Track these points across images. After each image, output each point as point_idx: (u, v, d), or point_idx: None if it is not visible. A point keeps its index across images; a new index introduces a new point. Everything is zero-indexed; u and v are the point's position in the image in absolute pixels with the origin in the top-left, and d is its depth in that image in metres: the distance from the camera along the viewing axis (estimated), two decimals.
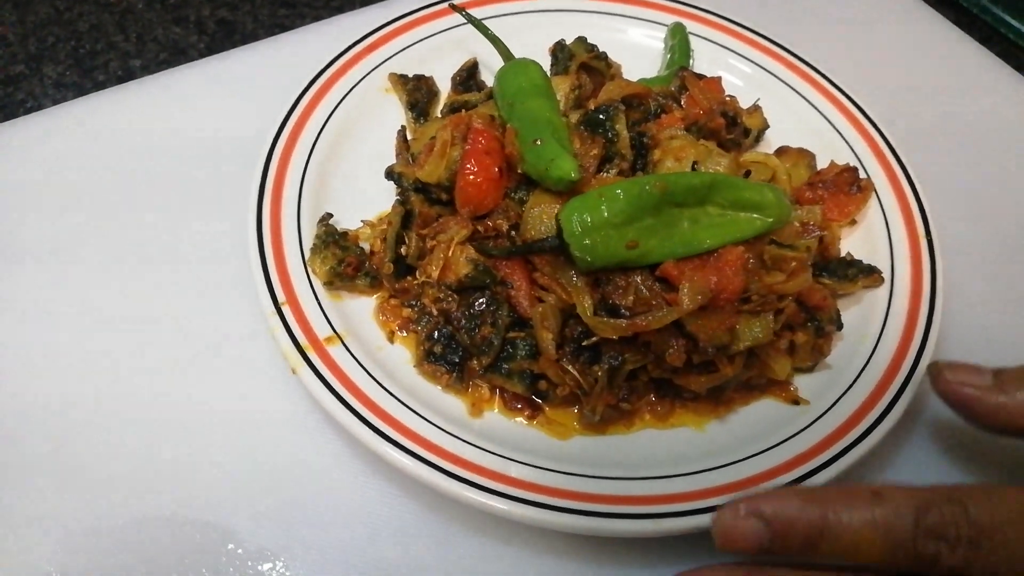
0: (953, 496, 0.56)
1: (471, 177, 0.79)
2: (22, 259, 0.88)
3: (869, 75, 1.11)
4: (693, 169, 0.79)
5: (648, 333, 0.73)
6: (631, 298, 0.73)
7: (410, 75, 1.01)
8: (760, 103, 1.00)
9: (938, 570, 0.55)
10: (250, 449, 0.77)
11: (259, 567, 0.71)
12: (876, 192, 0.93)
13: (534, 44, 1.01)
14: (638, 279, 0.74)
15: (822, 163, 0.96)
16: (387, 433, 0.71)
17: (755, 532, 0.56)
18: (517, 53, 0.98)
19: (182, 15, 1.15)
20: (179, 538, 0.72)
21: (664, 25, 1.08)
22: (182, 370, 0.82)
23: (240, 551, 0.71)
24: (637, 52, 1.06)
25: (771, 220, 0.74)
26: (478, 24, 0.96)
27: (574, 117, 0.86)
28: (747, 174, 0.83)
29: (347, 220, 0.89)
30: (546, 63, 0.98)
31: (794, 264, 0.74)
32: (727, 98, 0.91)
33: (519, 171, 0.80)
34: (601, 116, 0.81)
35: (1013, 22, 1.25)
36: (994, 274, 0.95)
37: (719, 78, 0.95)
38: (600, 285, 0.75)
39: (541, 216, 0.77)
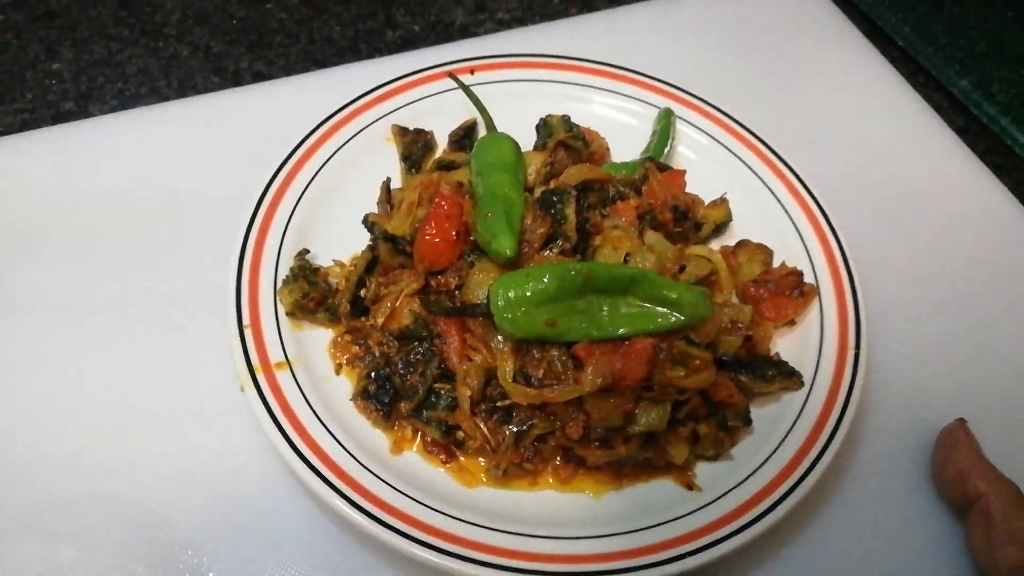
0: None
1: (428, 237, 0.88)
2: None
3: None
4: (625, 261, 0.85)
5: (555, 404, 0.81)
6: (542, 371, 0.81)
7: (411, 128, 1.10)
8: (730, 195, 1.06)
9: None
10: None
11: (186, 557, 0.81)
12: (820, 299, 0.97)
13: (531, 112, 1.09)
14: (554, 353, 0.81)
15: (779, 260, 1.02)
16: (308, 458, 0.80)
17: None
18: (514, 119, 1.07)
19: (222, 65, 1.27)
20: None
21: (658, 107, 1.14)
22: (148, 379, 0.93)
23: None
24: (628, 131, 1.13)
25: (684, 319, 0.81)
26: (469, 93, 1.05)
27: (538, 192, 0.94)
28: (682, 269, 0.89)
29: (326, 256, 0.99)
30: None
31: (698, 363, 0.80)
32: (684, 193, 0.97)
33: (472, 238, 0.88)
34: (554, 198, 0.89)
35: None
36: (918, 380, 0.99)
37: (683, 172, 1.01)
38: (522, 354, 0.83)
39: (482, 283, 0.85)
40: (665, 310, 0.81)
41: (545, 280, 0.80)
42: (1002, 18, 1.39)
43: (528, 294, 0.79)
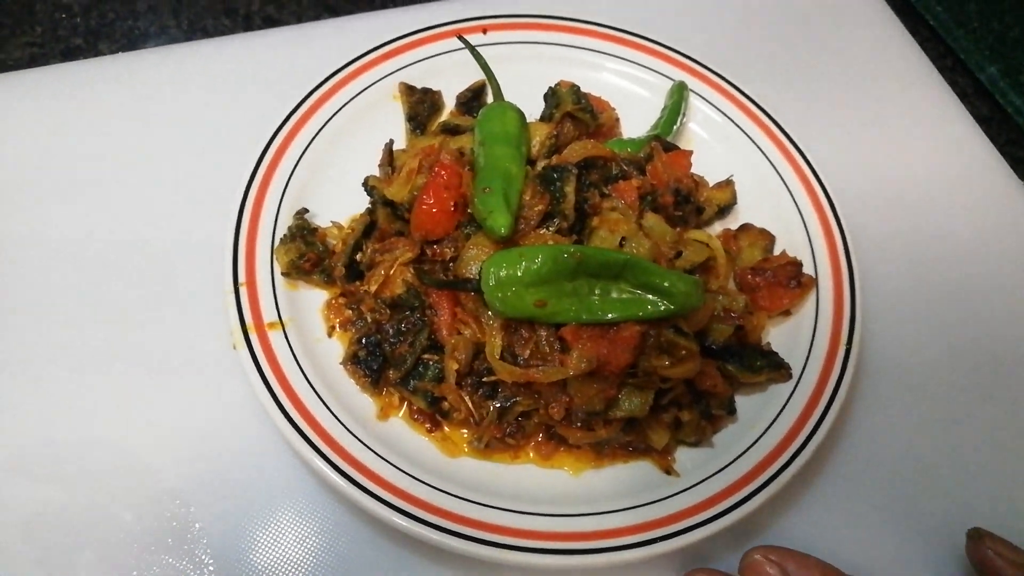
0: None
1: (425, 207, 0.88)
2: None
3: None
4: (621, 245, 0.85)
5: (539, 384, 0.81)
6: (529, 350, 0.81)
7: (419, 87, 1.08)
8: (738, 177, 1.04)
9: None
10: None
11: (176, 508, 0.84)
12: (817, 292, 0.96)
13: (542, 75, 1.07)
14: (542, 334, 0.82)
15: (780, 247, 1.01)
16: (294, 419, 0.82)
17: None
18: (524, 82, 1.06)
19: (232, 7, 1.25)
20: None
21: (672, 79, 1.12)
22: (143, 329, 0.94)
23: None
24: (640, 103, 1.11)
25: (673, 308, 0.80)
26: (478, 57, 1.03)
27: (541, 164, 0.93)
28: (678, 255, 0.89)
29: (325, 215, 0.99)
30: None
31: (684, 352, 0.80)
32: (688, 176, 0.96)
33: (470, 210, 0.88)
34: (555, 175, 0.88)
35: None
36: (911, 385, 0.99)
37: (689, 153, 0.99)
38: (511, 332, 0.83)
39: (476, 257, 0.85)
40: (655, 298, 0.81)
41: (538, 261, 0.80)
42: None
43: (520, 274, 0.79)
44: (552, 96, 1.02)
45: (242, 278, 0.90)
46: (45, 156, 1.04)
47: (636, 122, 1.10)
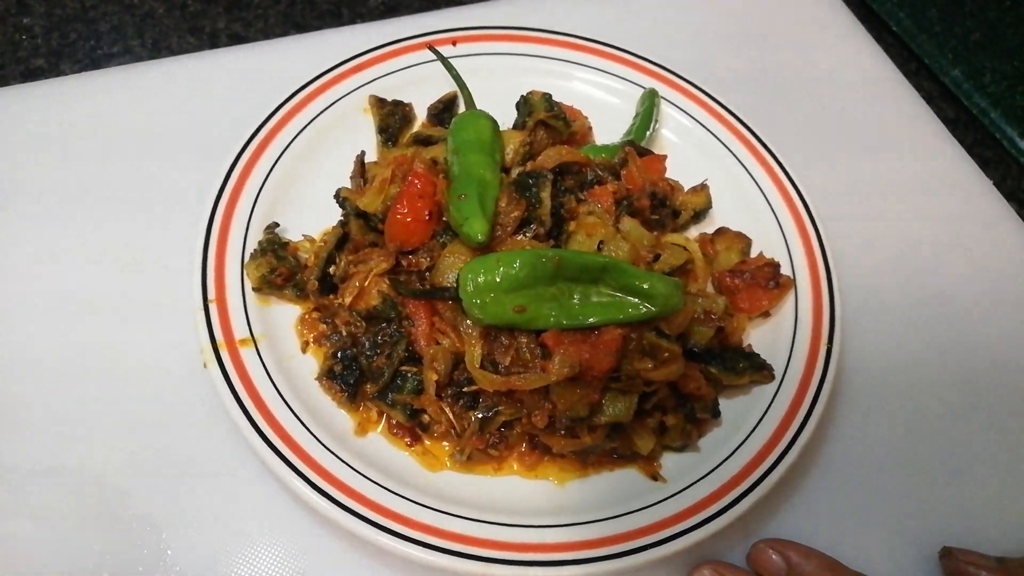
0: None
1: (399, 216, 0.86)
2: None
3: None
4: (599, 248, 0.84)
5: (521, 391, 0.80)
6: (509, 358, 0.79)
7: (389, 99, 1.07)
8: (712, 181, 1.04)
9: None
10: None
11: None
12: (796, 292, 0.96)
13: (513, 87, 1.06)
14: (523, 340, 0.80)
15: (757, 249, 1.00)
16: (269, 438, 0.79)
17: (777, 566, 0.79)
18: (495, 93, 1.05)
19: (198, 25, 1.23)
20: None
21: (642, 87, 1.12)
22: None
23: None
24: (612, 111, 1.11)
25: (655, 310, 0.79)
26: (449, 67, 1.02)
27: (515, 172, 0.92)
28: (657, 257, 0.88)
29: (296, 230, 0.97)
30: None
31: (667, 355, 0.79)
32: (664, 179, 0.96)
33: (445, 218, 0.87)
34: (530, 181, 0.87)
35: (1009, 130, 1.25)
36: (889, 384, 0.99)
37: (663, 157, 0.99)
38: (490, 340, 0.81)
39: (453, 265, 0.84)
40: (636, 300, 0.80)
41: (516, 266, 0.78)
42: (998, 8, 1.36)
43: (498, 280, 0.78)
44: (524, 104, 1.01)
45: (212, 295, 0.87)
46: (5, 176, 1.01)
47: (608, 130, 1.09)
